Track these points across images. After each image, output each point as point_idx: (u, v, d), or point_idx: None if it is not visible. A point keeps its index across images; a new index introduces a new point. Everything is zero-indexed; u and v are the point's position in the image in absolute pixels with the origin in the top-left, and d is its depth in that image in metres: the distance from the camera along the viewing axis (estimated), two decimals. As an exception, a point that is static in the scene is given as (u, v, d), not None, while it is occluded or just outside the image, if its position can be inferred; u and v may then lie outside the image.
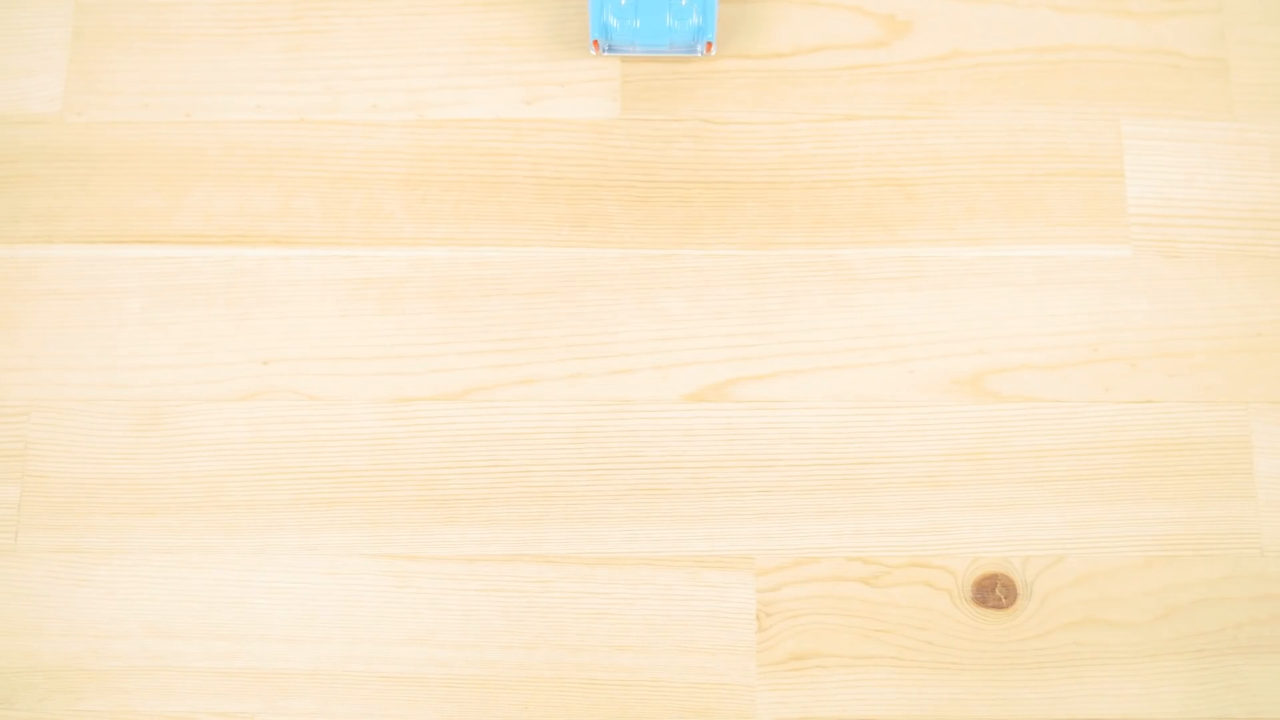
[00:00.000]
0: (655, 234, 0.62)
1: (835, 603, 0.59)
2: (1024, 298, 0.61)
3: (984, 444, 0.60)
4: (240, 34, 0.65)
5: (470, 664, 0.58)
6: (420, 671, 0.58)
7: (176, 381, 0.61)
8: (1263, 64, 0.64)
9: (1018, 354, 0.61)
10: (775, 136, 0.63)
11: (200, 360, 0.61)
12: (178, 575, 0.59)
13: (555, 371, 0.61)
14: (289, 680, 0.58)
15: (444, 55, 0.64)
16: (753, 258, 0.62)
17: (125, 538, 0.59)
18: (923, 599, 0.59)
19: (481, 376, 0.61)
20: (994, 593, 0.59)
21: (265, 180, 0.63)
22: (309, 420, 0.60)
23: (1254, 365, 0.61)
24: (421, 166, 0.63)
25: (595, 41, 0.61)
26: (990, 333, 0.61)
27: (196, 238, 0.62)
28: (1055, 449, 0.60)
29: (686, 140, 0.63)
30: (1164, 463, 0.60)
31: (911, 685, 0.58)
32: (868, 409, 0.60)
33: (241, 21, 0.65)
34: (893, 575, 0.59)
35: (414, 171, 0.63)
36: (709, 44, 0.62)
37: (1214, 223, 0.62)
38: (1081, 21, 0.65)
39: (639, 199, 0.63)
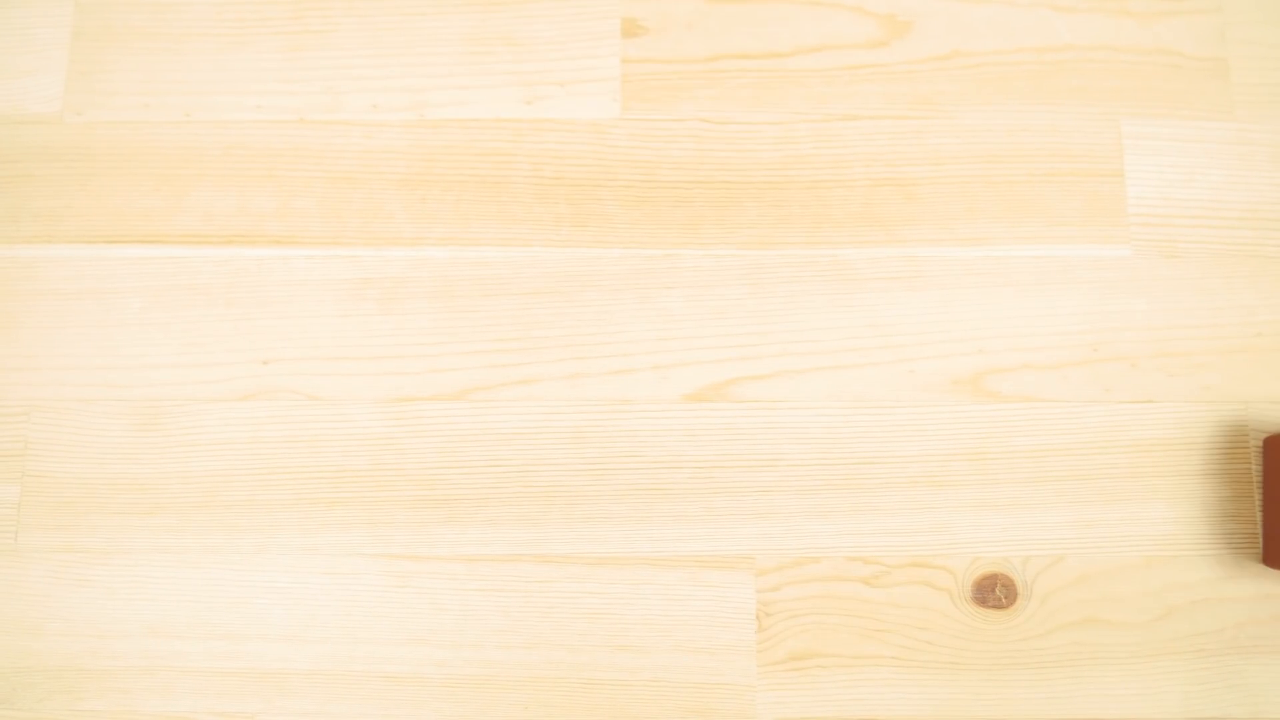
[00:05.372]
0: (655, 234, 0.62)
1: (835, 603, 0.59)
2: (1024, 298, 0.61)
3: (984, 444, 0.60)
4: (240, 34, 0.65)
5: (470, 664, 0.58)
6: (420, 671, 0.58)
7: (176, 381, 0.61)
8: (1263, 64, 0.64)
9: (1018, 354, 0.61)
10: (775, 136, 0.63)
11: (200, 360, 0.61)
12: (178, 575, 0.59)
13: (555, 371, 0.61)
14: (289, 680, 0.58)
15: (444, 55, 0.65)
16: (753, 258, 0.62)
17: (125, 538, 0.59)
18: (923, 599, 0.59)
19: (481, 376, 0.61)
20: (994, 593, 0.59)
21: (265, 180, 0.63)
22: (309, 420, 0.60)
23: (1254, 365, 0.61)
24: (421, 166, 0.63)
25: None
26: (990, 333, 0.61)
27: (196, 238, 0.62)
28: (1055, 449, 0.60)
29: (686, 140, 0.63)
30: (1164, 463, 0.60)
31: (911, 685, 0.58)
32: (868, 409, 0.60)
33: (241, 21, 0.65)
34: (893, 575, 0.59)
35: (414, 171, 0.63)
36: None
37: (1214, 223, 0.62)
38: (1081, 21, 0.65)
39: (639, 199, 0.63)
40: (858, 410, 0.60)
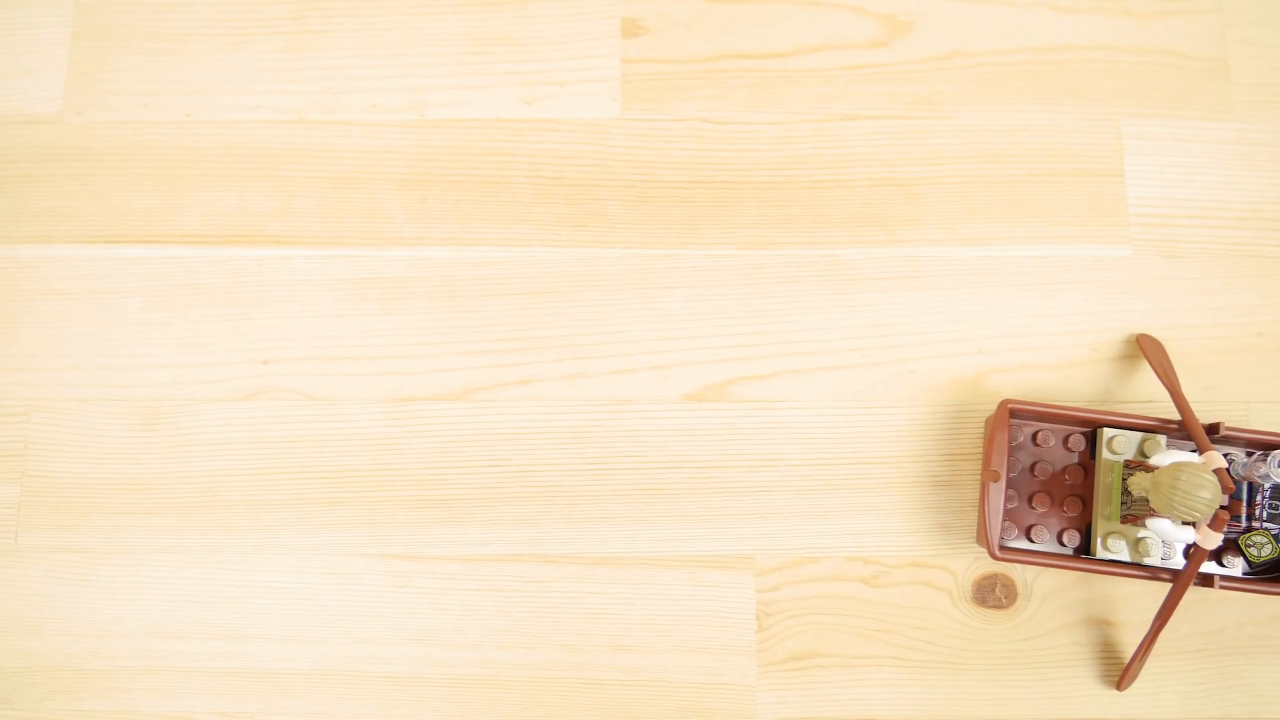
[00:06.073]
0: (655, 234, 0.62)
1: (835, 603, 0.59)
2: (1024, 298, 0.61)
3: (984, 444, 0.60)
4: (240, 34, 0.65)
5: (470, 664, 0.58)
6: (420, 671, 0.58)
7: (176, 381, 0.61)
8: (1263, 64, 0.64)
9: (1018, 354, 0.61)
10: (775, 136, 0.63)
11: (200, 360, 0.61)
12: (178, 575, 0.59)
13: (555, 371, 0.61)
14: (289, 680, 0.58)
15: (444, 55, 0.65)
16: (753, 258, 0.62)
17: (125, 538, 0.59)
18: (923, 599, 0.59)
19: (481, 376, 0.61)
20: (994, 593, 0.59)
21: (265, 180, 0.63)
22: (309, 420, 0.60)
23: (1254, 365, 0.61)
24: (421, 166, 0.63)
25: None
26: (990, 333, 0.61)
27: (196, 238, 0.62)
28: (1055, 449, 0.60)
29: (686, 140, 0.63)
30: (1164, 463, 0.60)
31: (911, 685, 0.58)
32: (868, 409, 0.60)
33: (241, 21, 0.65)
34: (893, 575, 0.59)
35: (414, 171, 0.63)
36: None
37: (1214, 222, 0.62)
38: (1081, 21, 0.65)
39: (639, 199, 0.63)
40: (858, 410, 0.60)
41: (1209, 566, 0.56)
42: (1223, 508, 0.54)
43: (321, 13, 0.65)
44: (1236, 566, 0.56)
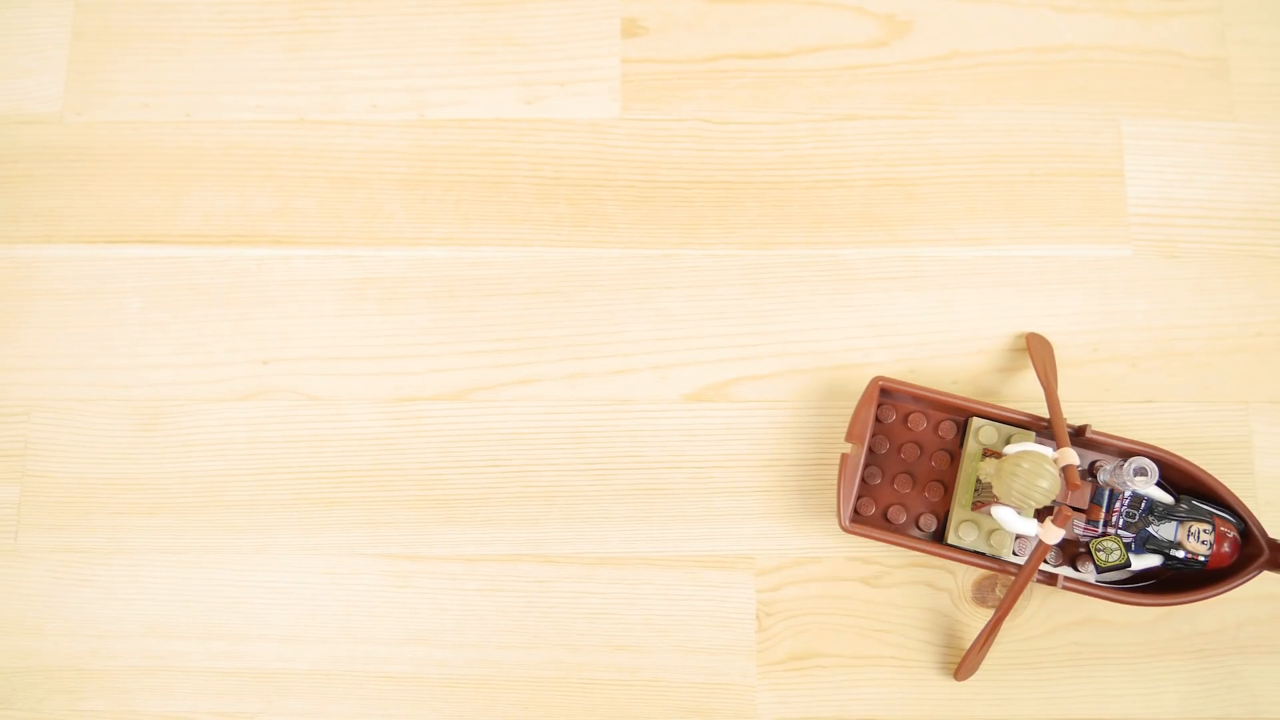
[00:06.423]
0: (655, 234, 0.62)
1: (835, 603, 0.59)
2: (1024, 298, 0.61)
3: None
4: (240, 34, 0.65)
5: (470, 664, 0.58)
6: (420, 671, 0.58)
7: (176, 381, 0.61)
8: (1263, 64, 0.64)
9: (1018, 354, 0.61)
10: (775, 136, 0.63)
11: (200, 360, 0.61)
12: (178, 575, 0.59)
13: (555, 371, 0.61)
14: (289, 680, 0.58)
15: (444, 55, 0.65)
16: (753, 258, 0.62)
17: (125, 538, 0.59)
18: (923, 599, 0.59)
19: (481, 376, 0.61)
20: (994, 593, 0.59)
21: (265, 180, 0.63)
22: (309, 420, 0.60)
23: (1254, 365, 0.61)
24: (421, 166, 0.63)
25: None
26: (990, 333, 0.61)
27: (196, 238, 0.62)
28: (1055, 449, 0.60)
29: (686, 140, 0.63)
30: (1164, 463, 0.60)
31: (911, 685, 0.58)
32: (868, 409, 0.60)
33: (241, 22, 0.65)
34: (893, 575, 0.59)
35: (414, 171, 0.63)
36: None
37: (1214, 223, 0.62)
38: (1081, 21, 0.65)
39: (639, 199, 0.63)
40: (858, 410, 0.60)
41: (1061, 569, 0.56)
42: (1076, 509, 0.53)
43: (321, 13, 0.65)
44: (1091, 573, 0.56)
